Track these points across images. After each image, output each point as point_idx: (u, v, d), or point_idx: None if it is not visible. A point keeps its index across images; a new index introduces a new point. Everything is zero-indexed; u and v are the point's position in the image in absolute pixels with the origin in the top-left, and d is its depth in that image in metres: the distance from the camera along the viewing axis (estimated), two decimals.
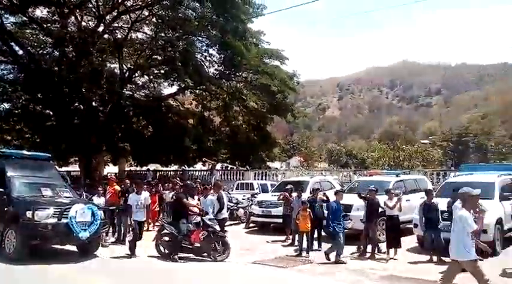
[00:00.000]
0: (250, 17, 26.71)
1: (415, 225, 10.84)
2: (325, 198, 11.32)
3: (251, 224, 15.54)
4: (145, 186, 17.50)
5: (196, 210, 10.12)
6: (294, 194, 12.34)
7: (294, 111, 31.58)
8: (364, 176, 18.55)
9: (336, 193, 10.31)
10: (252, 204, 15.82)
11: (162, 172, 31.06)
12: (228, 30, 24.54)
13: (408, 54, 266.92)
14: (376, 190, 10.49)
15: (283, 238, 12.50)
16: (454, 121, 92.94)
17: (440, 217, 9.84)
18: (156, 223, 14.74)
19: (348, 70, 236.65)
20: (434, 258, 9.51)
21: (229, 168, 31.25)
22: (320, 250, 10.75)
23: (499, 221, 10.33)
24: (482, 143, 71.17)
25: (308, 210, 10.56)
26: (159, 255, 9.98)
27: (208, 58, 28.70)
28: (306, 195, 12.52)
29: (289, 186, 13.05)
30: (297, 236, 10.99)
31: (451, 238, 6.21)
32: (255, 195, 17.16)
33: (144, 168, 30.71)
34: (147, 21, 27.94)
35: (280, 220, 13.30)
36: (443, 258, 9.34)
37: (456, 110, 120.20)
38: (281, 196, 12.88)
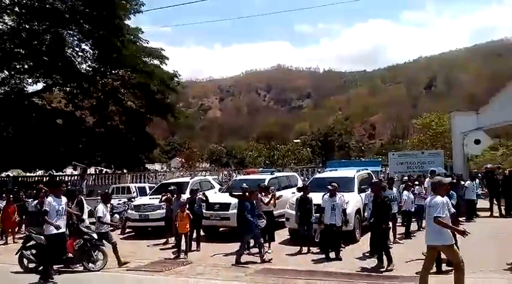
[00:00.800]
0: (128, 13, 25.68)
1: (287, 219, 11.60)
2: (204, 198, 11.43)
3: (127, 230, 14.90)
4: (3, 195, 15.79)
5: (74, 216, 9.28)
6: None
7: (175, 112, 31.29)
8: (243, 175, 19.20)
9: (251, 192, 10.24)
10: (128, 209, 15.17)
11: (25, 178, 27.95)
12: (103, 25, 23.20)
13: (282, 60, 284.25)
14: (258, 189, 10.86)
15: (163, 241, 12.27)
16: (322, 122, 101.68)
17: (313, 210, 10.48)
18: (17, 236, 13.24)
19: (228, 72, 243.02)
20: (304, 249, 10.27)
21: (104, 172, 29.51)
22: (199, 251, 10.82)
23: (358, 212, 11.48)
24: (345, 142, 79.46)
25: (187, 211, 10.55)
26: (22, 270, 8.96)
27: (80, 53, 26.92)
28: (186, 196, 12.47)
29: (172, 187, 12.82)
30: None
31: (426, 225, 6.32)
32: (132, 199, 16.51)
33: (4, 174, 27.31)
34: (8, 11, 24.84)
35: (159, 223, 13.03)
36: (312, 249, 10.19)
37: (324, 112, 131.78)
38: (163, 198, 12.61)
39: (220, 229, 13.33)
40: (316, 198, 10.35)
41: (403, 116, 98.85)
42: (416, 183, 13.34)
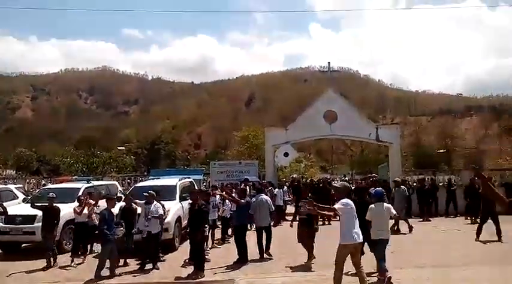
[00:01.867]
0: None
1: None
2: (1, 210, 9.92)
3: None
4: None
5: None
6: None
7: None
8: (55, 183, 17.41)
9: (108, 199, 9.25)
10: None
11: None
12: None
13: (108, 62, 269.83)
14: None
15: None
16: (149, 130, 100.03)
17: (136, 220, 10.00)
18: None
19: (44, 69, 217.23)
20: (121, 261, 9.82)
21: None
22: None
23: (179, 220, 11.62)
24: (172, 150, 79.97)
25: None
26: None
27: None
28: None
29: None
30: None
31: (346, 225, 6.50)
32: None
33: None
34: None
35: None
36: (129, 260, 9.80)
37: (152, 120, 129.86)
38: None
39: (23, 244, 11.74)
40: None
41: (225, 128, 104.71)
42: (234, 190, 14.24)
